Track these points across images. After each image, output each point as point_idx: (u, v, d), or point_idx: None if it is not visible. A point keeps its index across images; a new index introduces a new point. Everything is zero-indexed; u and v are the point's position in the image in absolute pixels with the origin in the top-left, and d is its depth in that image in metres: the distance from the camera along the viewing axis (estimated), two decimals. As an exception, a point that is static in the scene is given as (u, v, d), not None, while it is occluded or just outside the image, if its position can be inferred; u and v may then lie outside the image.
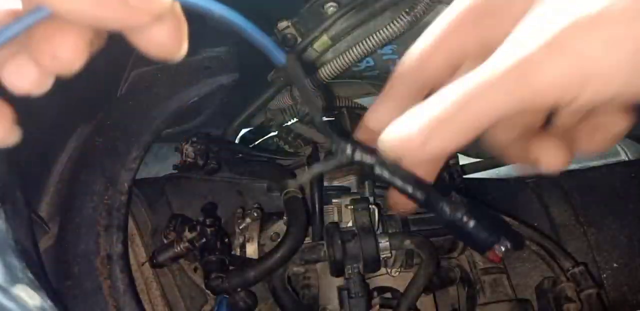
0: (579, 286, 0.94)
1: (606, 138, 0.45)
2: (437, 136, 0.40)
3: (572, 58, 0.35)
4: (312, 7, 0.94)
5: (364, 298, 0.89)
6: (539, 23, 0.37)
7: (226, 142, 1.17)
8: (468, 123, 0.40)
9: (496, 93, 0.38)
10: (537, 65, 0.36)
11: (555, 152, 0.44)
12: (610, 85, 0.36)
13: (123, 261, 0.86)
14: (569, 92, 0.36)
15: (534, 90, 0.37)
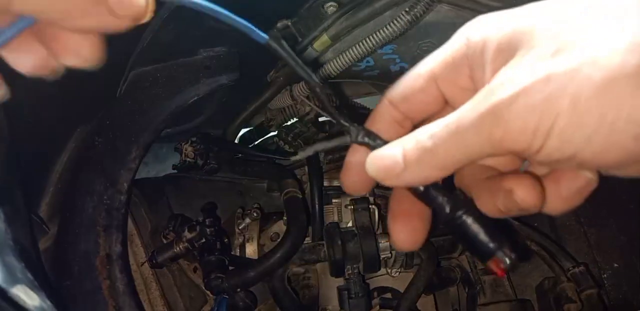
0: (579, 287, 0.94)
1: (571, 192, 0.46)
2: (414, 169, 0.45)
3: (536, 111, 0.38)
4: (312, 6, 0.94)
5: (364, 299, 0.89)
6: (513, 74, 0.40)
7: (226, 142, 1.17)
8: (443, 161, 0.44)
9: (470, 136, 0.41)
10: (506, 114, 0.39)
11: (531, 185, 0.44)
12: (570, 142, 0.38)
13: (122, 262, 0.86)
14: (533, 143, 0.39)
15: (501, 136, 0.39)
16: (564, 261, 0.97)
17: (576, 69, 0.37)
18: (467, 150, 0.42)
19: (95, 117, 0.99)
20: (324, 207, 0.97)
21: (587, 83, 0.36)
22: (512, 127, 0.39)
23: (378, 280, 0.97)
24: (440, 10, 0.90)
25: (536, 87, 0.38)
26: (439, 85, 0.50)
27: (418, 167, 0.45)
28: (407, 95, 0.52)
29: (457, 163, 0.44)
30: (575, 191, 0.46)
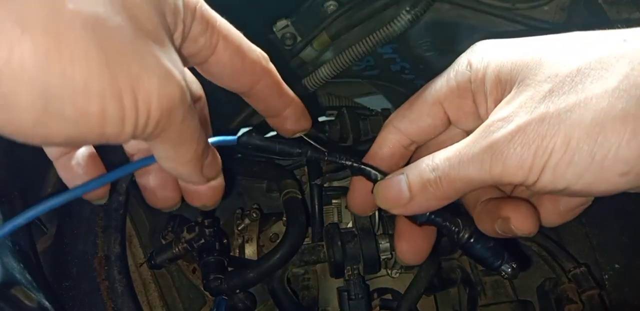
0: (580, 287, 0.93)
1: (568, 209, 0.51)
2: (420, 200, 0.49)
3: (532, 149, 0.42)
4: (312, 5, 0.94)
5: (364, 300, 0.89)
6: (510, 112, 0.44)
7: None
8: (447, 192, 0.48)
9: (471, 170, 0.45)
10: (504, 150, 0.43)
11: (526, 214, 0.49)
12: (563, 177, 0.42)
13: (121, 262, 0.86)
14: (529, 178, 0.43)
15: (500, 171, 0.44)
16: (565, 262, 0.96)
17: (569, 110, 0.41)
18: (469, 182, 0.46)
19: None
20: (324, 207, 0.97)
21: (578, 125, 0.40)
22: (509, 163, 0.43)
23: (378, 281, 0.97)
24: (441, 9, 0.90)
25: (531, 127, 0.42)
26: (445, 108, 0.53)
27: (423, 197, 0.49)
28: (413, 119, 0.55)
29: (459, 193, 0.48)
30: (572, 208, 0.51)
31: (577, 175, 0.42)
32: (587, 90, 0.41)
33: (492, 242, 0.54)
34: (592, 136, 0.40)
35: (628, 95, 0.39)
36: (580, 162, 0.41)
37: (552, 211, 0.51)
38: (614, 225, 1.10)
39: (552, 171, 0.42)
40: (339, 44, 0.94)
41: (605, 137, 0.39)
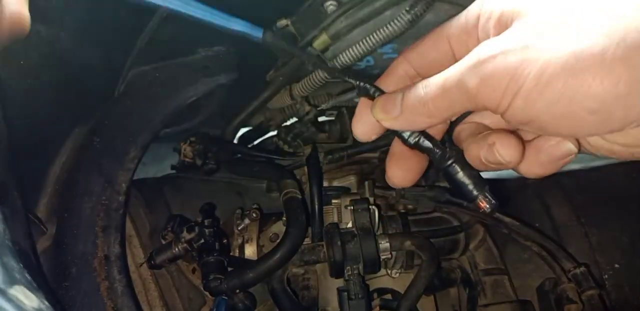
0: (580, 287, 0.93)
1: (549, 159, 0.51)
2: (408, 114, 0.53)
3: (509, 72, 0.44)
4: (312, 5, 0.93)
5: (364, 300, 0.89)
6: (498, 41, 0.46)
7: (225, 142, 1.17)
8: (431, 110, 0.51)
9: (453, 90, 0.48)
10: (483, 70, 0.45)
11: (511, 142, 0.50)
12: (533, 106, 0.44)
13: (121, 263, 0.86)
14: (502, 102, 0.45)
15: (477, 91, 0.46)
16: (565, 262, 0.96)
17: (552, 43, 0.42)
18: (450, 102, 0.49)
19: (94, 117, 0.99)
20: (324, 207, 0.97)
21: (557, 55, 0.41)
22: (486, 83, 0.45)
23: (378, 281, 0.97)
24: (440, 9, 0.89)
25: (514, 51, 0.44)
26: (451, 43, 0.55)
27: (411, 112, 0.53)
28: (421, 52, 0.58)
29: (442, 113, 0.51)
30: (553, 159, 0.51)
31: (547, 106, 0.43)
32: (572, 28, 0.42)
33: (476, 172, 0.55)
34: (568, 69, 0.41)
35: (610, 35, 0.40)
36: (552, 93, 0.42)
37: (534, 160, 0.51)
38: (613, 225, 1.10)
39: (525, 98, 0.43)
40: (339, 44, 0.94)
41: (581, 72, 0.40)
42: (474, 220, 1.01)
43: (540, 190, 1.20)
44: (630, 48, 0.39)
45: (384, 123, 0.56)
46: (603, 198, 1.15)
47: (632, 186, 1.14)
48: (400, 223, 0.96)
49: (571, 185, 1.18)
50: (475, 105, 0.48)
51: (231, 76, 1.06)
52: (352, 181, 1.05)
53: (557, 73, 0.41)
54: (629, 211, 1.11)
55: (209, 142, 1.14)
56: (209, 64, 1.06)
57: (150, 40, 0.97)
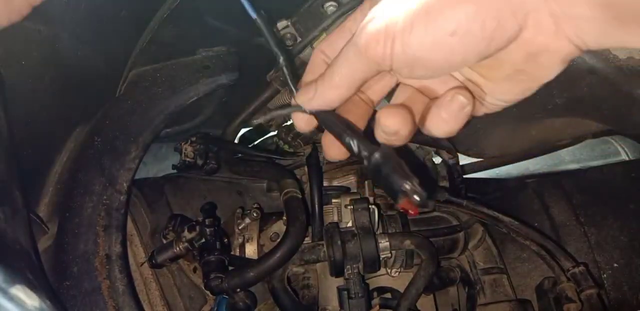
0: (579, 287, 0.93)
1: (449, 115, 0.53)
2: (321, 90, 0.57)
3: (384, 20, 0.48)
4: (312, 6, 0.94)
5: (364, 299, 0.89)
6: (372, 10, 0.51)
7: (225, 142, 1.17)
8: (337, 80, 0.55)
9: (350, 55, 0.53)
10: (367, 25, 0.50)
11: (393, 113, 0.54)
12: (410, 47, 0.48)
13: (122, 262, 0.86)
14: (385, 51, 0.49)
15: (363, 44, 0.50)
16: (564, 261, 0.97)
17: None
18: (349, 67, 0.54)
19: (95, 117, 0.99)
20: (324, 207, 0.97)
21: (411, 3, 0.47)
22: (369, 38, 0.50)
23: (378, 280, 0.97)
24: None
25: (386, 8, 0.49)
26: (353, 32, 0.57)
27: (322, 89, 0.57)
28: (331, 42, 0.62)
29: (346, 81, 0.55)
30: (453, 112, 0.53)
31: (419, 43, 0.47)
32: None
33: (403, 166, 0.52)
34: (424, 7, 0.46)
35: None
36: (419, 29, 0.47)
37: (438, 118, 0.54)
38: (612, 224, 1.10)
39: (401, 41, 0.48)
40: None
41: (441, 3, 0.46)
42: (473, 220, 1.02)
43: (539, 190, 1.20)
44: None
45: (305, 107, 0.59)
46: (602, 198, 1.15)
47: (631, 186, 1.15)
48: (400, 223, 0.96)
49: (570, 184, 1.19)
50: (368, 63, 0.52)
51: (231, 76, 1.06)
52: (352, 181, 1.05)
53: (418, 12, 0.46)
54: (628, 211, 1.11)
55: (210, 142, 1.14)
56: (210, 64, 1.06)
57: (150, 40, 0.98)
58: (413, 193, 0.50)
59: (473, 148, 1.18)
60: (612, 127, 0.93)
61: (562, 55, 0.48)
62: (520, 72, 0.50)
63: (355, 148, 0.56)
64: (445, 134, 0.57)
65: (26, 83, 0.82)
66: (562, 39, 0.46)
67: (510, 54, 0.48)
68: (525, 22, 0.46)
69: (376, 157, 0.54)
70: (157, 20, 0.94)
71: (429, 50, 0.48)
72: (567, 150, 1.69)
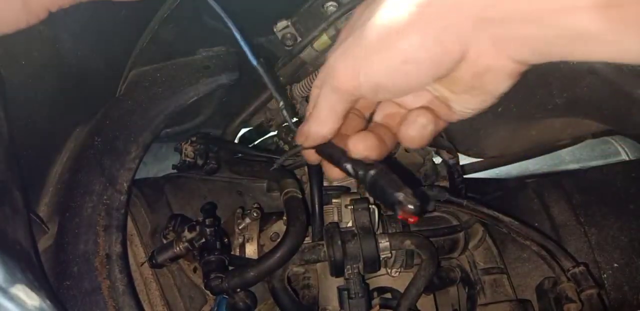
0: (579, 287, 0.93)
1: (417, 132, 0.61)
2: (312, 128, 0.64)
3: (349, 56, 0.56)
4: (312, 6, 0.94)
5: (364, 299, 0.89)
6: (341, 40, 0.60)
7: (226, 142, 1.17)
8: (322, 118, 0.63)
9: (327, 93, 0.60)
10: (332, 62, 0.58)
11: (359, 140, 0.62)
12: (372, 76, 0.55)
13: (122, 262, 0.86)
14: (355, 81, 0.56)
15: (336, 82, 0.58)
16: (564, 261, 0.97)
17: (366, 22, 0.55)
18: (330, 103, 0.61)
19: (95, 117, 0.99)
20: (324, 206, 0.97)
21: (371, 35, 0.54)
22: (337, 71, 0.57)
23: (378, 280, 0.97)
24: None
25: (348, 40, 0.56)
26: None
27: (313, 129, 0.64)
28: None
29: (329, 116, 0.62)
30: (417, 132, 0.61)
31: (379, 69, 0.54)
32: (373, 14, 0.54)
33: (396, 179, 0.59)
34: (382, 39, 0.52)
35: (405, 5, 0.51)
36: (377, 58, 0.53)
37: (405, 134, 0.62)
38: (613, 224, 1.10)
39: (364, 73, 0.55)
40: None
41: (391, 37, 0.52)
42: (473, 220, 1.01)
43: (539, 190, 1.20)
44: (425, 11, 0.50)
45: (305, 146, 0.67)
46: (602, 198, 1.15)
47: (631, 186, 1.15)
48: (400, 223, 0.96)
49: (571, 184, 1.19)
50: (342, 95, 0.59)
51: (232, 76, 1.06)
52: (352, 181, 1.05)
53: (374, 47, 0.53)
54: (628, 211, 1.11)
55: (210, 142, 1.14)
56: (210, 64, 1.06)
57: (150, 40, 0.98)
58: (407, 203, 0.56)
59: (473, 148, 1.18)
60: (612, 127, 0.93)
61: (506, 73, 0.53)
62: (473, 87, 0.55)
63: (352, 171, 0.63)
64: (417, 147, 0.73)
65: (26, 83, 0.82)
66: (504, 59, 0.51)
67: (461, 73, 0.54)
68: (468, 46, 0.50)
69: (371, 174, 0.61)
70: (157, 20, 0.95)
71: (387, 77, 0.54)
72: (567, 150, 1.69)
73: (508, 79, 0.54)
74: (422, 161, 1.12)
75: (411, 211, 0.56)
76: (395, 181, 0.59)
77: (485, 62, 0.52)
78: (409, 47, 0.51)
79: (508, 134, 1.12)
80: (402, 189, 0.57)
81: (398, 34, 0.51)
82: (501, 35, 0.49)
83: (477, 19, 0.48)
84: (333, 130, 0.65)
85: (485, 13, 0.48)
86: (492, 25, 0.48)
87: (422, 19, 0.50)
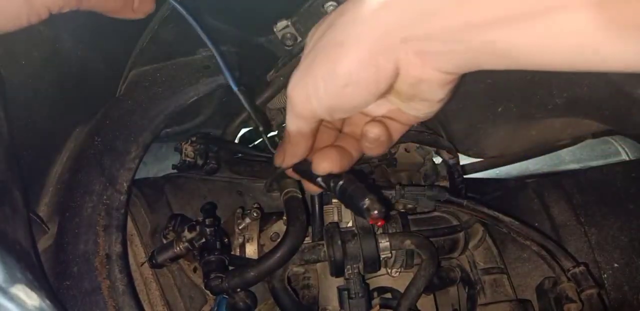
0: (579, 287, 0.93)
1: (371, 143, 0.69)
2: (288, 153, 0.74)
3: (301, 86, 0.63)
4: (312, 6, 0.94)
5: (364, 299, 0.89)
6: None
7: (226, 142, 1.17)
8: (292, 139, 0.71)
9: (290, 118, 0.67)
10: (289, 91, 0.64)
11: (319, 156, 0.70)
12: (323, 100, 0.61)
13: (122, 262, 0.86)
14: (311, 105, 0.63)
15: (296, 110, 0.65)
16: (564, 261, 0.96)
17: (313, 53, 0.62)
18: (296, 127, 0.68)
19: (95, 117, 0.99)
20: (324, 206, 0.97)
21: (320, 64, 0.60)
22: (294, 99, 0.64)
23: (378, 280, 0.97)
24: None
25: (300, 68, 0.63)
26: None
27: (287, 149, 0.73)
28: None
29: (300, 138, 0.70)
30: (373, 143, 0.69)
31: (325, 95, 0.60)
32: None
33: (362, 188, 0.67)
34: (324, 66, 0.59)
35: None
36: (321, 85, 0.59)
37: (365, 146, 0.70)
38: (613, 224, 1.10)
39: (315, 99, 0.61)
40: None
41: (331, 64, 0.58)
42: (473, 220, 1.01)
43: (539, 190, 1.20)
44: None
45: (283, 167, 0.77)
46: (602, 198, 1.15)
47: (631, 186, 1.14)
48: (400, 223, 0.96)
49: (571, 184, 1.19)
50: (305, 119, 0.66)
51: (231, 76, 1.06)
52: (352, 180, 1.05)
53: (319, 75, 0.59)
54: (628, 211, 1.11)
55: (210, 142, 1.14)
56: (210, 64, 1.06)
57: (150, 40, 0.98)
58: (373, 209, 0.63)
59: (473, 148, 1.18)
60: (612, 127, 0.93)
61: (437, 83, 0.58)
62: (413, 96, 0.61)
63: (323, 184, 0.72)
64: (378, 155, 0.89)
65: (26, 83, 0.82)
66: (431, 71, 0.56)
67: (399, 85, 0.59)
68: (398, 61, 0.56)
69: (340, 184, 0.69)
70: (157, 20, 0.94)
71: (335, 100, 0.61)
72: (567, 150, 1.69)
73: (440, 88, 0.59)
74: (422, 161, 1.12)
75: (377, 216, 0.63)
76: (361, 189, 0.67)
77: (415, 74, 0.57)
78: (347, 72, 0.57)
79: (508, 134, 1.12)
80: (367, 196, 0.64)
81: (336, 61, 0.57)
82: (423, 50, 0.54)
83: (403, 38, 0.54)
84: (305, 150, 0.73)
85: (409, 32, 0.53)
86: (415, 42, 0.54)
87: (355, 45, 0.56)
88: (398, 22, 0.53)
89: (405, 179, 1.10)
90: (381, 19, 0.54)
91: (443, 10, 0.50)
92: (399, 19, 0.53)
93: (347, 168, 0.73)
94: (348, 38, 0.57)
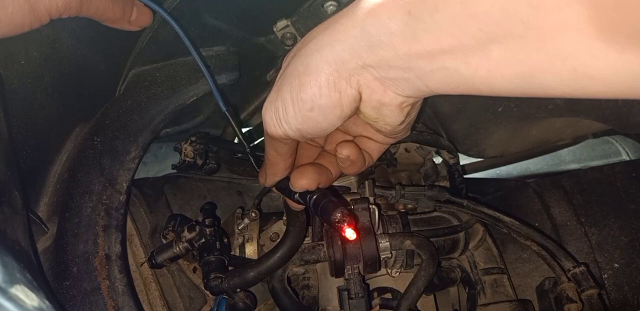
0: (580, 287, 0.93)
1: (344, 163, 0.74)
2: (269, 172, 0.79)
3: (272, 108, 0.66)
4: (312, 6, 0.94)
5: (364, 299, 0.89)
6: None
7: (225, 142, 1.17)
8: (269, 162, 0.76)
9: (267, 141, 0.72)
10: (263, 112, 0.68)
11: (296, 175, 0.75)
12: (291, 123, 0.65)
13: (122, 262, 0.86)
14: (281, 127, 0.66)
15: (269, 131, 0.68)
16: (565, 262, 0.96)
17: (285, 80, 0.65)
18: (274, 149, 0.72)
19: (94, 117, 0.99)
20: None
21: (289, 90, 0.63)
22: (267, 122, 0.67)
23: (378, 280, 0.97)
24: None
25: (271, 93, 0.67)
26: None
27: (268, 169, 0.78)
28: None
29: (278, 158, 0.74)
30: (346, 163, 0.73)
31: (293, 119, 0.64)
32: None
33: (334, 201, 0.72)
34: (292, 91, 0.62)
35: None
36: (289, 109, 0.63)
37: (340, 164, 0.75)
38: (613, 224, 1.10)
39: (285, 122, 0.65)
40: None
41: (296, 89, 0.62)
42: (473, 220, 1.01)
43: (540, 190, 1.20)
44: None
45: (266, 186, 0.82)
46: (603, 198, 1.15)
47: (632, 186, 1.14)
48: (400, 223, 0.96)
49: (571, 184, 1.18)
50: (280, 141, 0.69)
51: (231, 76, 1.06)
52: (352, 181, 1.05)
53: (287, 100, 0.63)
54: (628, 211, 1.11)
55: (210, 142, 1.14)
56: (210, 63, 1.06)
57: (150, 40, 0.97)
58: (343, 222, 0.69)
59: (473, 148, 1.18)
60: (612, 127, 0.93)
61: (397, 105, 0.62)
62: (378, 118, 0.65)
63: (301, 200, 0.77)
64: (354, 174, 0.90)
65: (26, 84, 0.82)
66: (391, 94, 0.60)
67: (363, 108, 0.63)
68: (360, 87, 0.60)
69: (314, 198, 0.74)
70: (157, 20, 0.94)
71: (302, 124, 0.64)
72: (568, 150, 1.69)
73: (400, 111, 0.63)
74: (422, 161, 1.12)
75: (346, 228, 0.70)
76: (333, 202, 0.71)
77: (377, 98, 0.61)
78: (311, 97, 0.61)
79: (508, 134, 1.12)
80: (338, 209, 0.69)
81: (301, 86, 0.61)
82: (382, 76, 0.58)
83: (362, 65, 0.57)
84: (284, 169, 0.77)
85: (363, 61, 0.57)
86: (372, 69, 0.57)
87: (315, 73, 0.60)
88: (352, 53, 0.57)
89: (406, 179, 1.10)
90: (336, 50, 0.58)
91: (388, 43, 0.54)
92: (352, 51, 0.57)
93: (326, 185, 0.77)
94: (309, 67, 0.60)
